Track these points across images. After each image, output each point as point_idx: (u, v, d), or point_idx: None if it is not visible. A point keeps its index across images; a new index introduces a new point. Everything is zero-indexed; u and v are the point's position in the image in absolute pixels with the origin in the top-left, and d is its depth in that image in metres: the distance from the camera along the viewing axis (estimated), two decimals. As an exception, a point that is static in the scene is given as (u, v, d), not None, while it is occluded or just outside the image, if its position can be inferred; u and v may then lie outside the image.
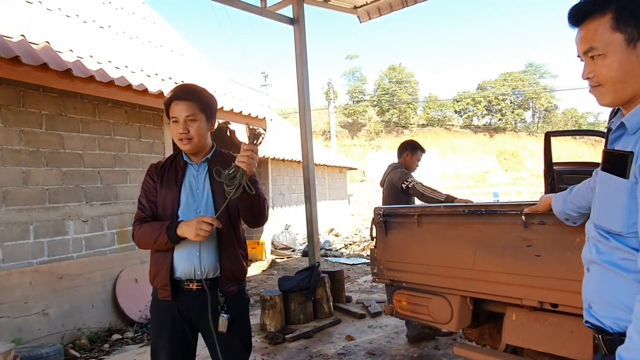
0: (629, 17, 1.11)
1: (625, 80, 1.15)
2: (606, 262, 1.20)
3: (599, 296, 1.23)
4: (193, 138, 1.98)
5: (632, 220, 1.12)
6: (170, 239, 1.90)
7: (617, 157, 1.16)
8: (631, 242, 1.13)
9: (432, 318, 2.46)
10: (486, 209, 2.21)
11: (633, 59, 1.13)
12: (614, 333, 1.18)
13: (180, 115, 1.95)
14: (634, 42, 1.12)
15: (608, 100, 1.21)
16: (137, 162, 5.49)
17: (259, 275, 8.13)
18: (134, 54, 5.92)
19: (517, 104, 52.74)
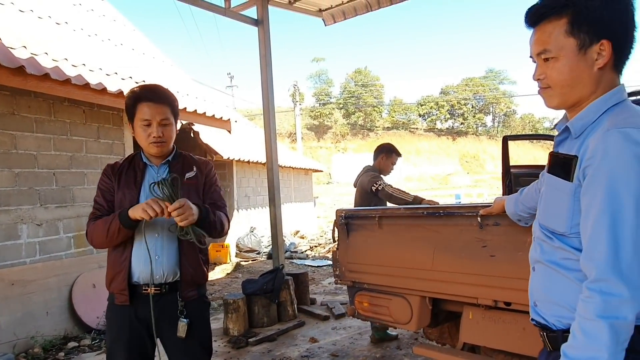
0: (582, 23, 1.14)
1: (573, 85, 1.18)
2: (549, 262, 1.24)
3: (543, 294, 1.28)
4: (166, 141, 1.97)
5: (575, 221, 1.16)
6: (122, 223, 1.84)
7: (563, 160, 1.20)
8: (573, 242, 1.18)
9: (393, 318, 2.50)
10: (444, 210, 2.27)
11: (582, 65, 1.16)
12: (558, 330, 1.22)
13: (153, 118, 1.92)
14: (584, 49, 1.15)
15: (555, 103, 1.24)
16: (96, 163, 5.31)
17: (223, 279, 8.03)
18: (93, 52, 5.74)
19: (478, 108, 54.32)
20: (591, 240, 1.08)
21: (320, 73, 55.43)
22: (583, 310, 1.06)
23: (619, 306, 1.01)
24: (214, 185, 2.12)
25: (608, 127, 1.09)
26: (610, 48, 1.14)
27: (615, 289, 1.02)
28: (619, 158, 1.04)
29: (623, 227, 1.03)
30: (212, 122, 6.71)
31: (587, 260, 1.08)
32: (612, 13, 1.13)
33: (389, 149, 4.39)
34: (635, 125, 1.07)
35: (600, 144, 1.08)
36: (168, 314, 1.93)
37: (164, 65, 7.86)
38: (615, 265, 1.02)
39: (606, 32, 1.14)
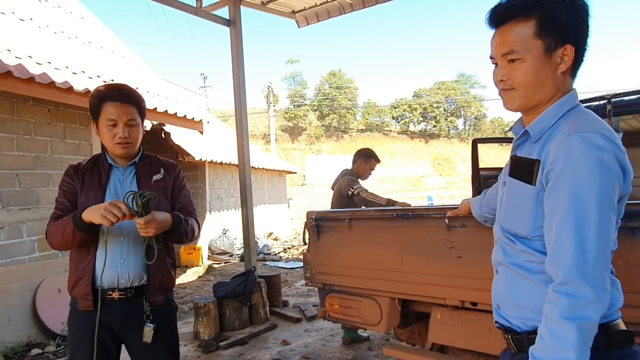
0: (550, 26, 1.14)
1: (536, 88, 1.19)
2: (513, 264, 1.25)
3: (506, 297, 1.28)
4: (132, 142, 1.92)
5: (538, 224, 1.18)
6: (75, 225, 1.77)
7: (525, 164, 1.21)
8: (536, 245, 1.19)
9: (363, 320, 2.52)
10: (412, 212, 2.30)
11: (547, 68, 1.17)
12: (523, 332, 1.23)
13: (119, 118, 1.87)
14: (550, 52, 1.16)
15: (516, 105, 1.24)
16: (61, 164, 5.15)
17: (194, 282, 7.91)
18: (59, 49, 5.57)
19: (450, 111, 55.31)
20: (557, 244, 1.09)
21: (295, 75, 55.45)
22: (550, 312, 1.08)
23: (585, 307, 1.03)
24: (183, 189, 2.09)
25: (569, 132, 1.11)
26: (573, 53, 1.17)
27: (581, 291, 1.04)
28: (581, 162, 1.07)
29: (587, 230, 1.05)
30: (184, 123, 6.61)
31: (554, 263, 1.10)
32: (575, 19, 1.16)
33: (368, 154, 4.41)
34: (595, 129, 1.10)
35: (562, 149, 1.10)
36: (134, 318, 1.89)
37: (133, 65, 7.70)
38: (580, 268, 1.04)
39: (570, 37, 1.16)
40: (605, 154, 1.07)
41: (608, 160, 1.07)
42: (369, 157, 4.37)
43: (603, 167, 1.06)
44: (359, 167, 4.35)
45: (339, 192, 4.17)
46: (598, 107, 4.11)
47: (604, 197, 1.06)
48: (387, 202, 3.79)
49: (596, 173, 1.06)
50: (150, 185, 1.97)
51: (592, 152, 1.06)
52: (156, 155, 2.13)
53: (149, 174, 2.00)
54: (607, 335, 1.12)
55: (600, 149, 1.07)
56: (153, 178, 1.99)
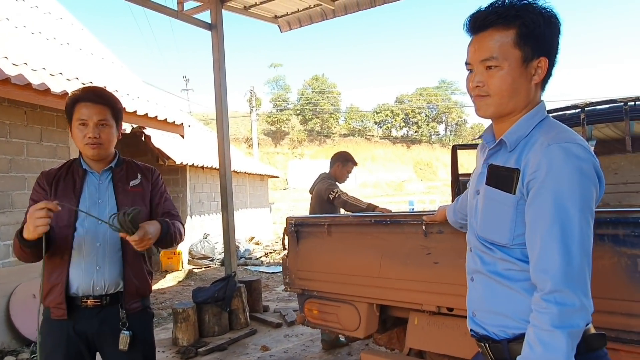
0: (529, 37, 1.16)
1: (511, 96, 1.20)
2: (492, 272, 1.25)
3: (484, 305, 1.29)
4: (103, 144, 1.88)
5: (517, 232, 1.19)
6: (20, 242, 1.70)
7: (504, 173, 1.22)
8: (515, 253, 1.20)
9: (341, 326, 2.52)
10: (391, 218, 2.32)
11: (522, 78, 1.19)
12: (502, 340, 1.23)
13: (90, 118, 1.84)
14: (527, 62, 1.18)
15: (490, 112, 1.25)
16: (38, 167, 5.05)
17: (174, 287, 7.82)
18: (36, 50, 5.47)
19: (432, 117, 55.93)
20: (543, 253, 1.11)
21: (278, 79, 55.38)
22: (539, 321, 1.09)
23: (573, 315, 1.06)
24: (164, 194, 2.06)
25: (548, 142, 1.14)
26: (547, 65, 1.20)
27: (569, 299, 1.06)
28: (563, 172, 1.09)
29: (572, 239, 1.08)
30: (164, 126, 6.54)
31: (541, 272, 1.11)
32: (550, 33, 1.20)
33: (345, 157, 4.43)
34: (573, 140, 1.13)
35: (543, 159, 1.12)
36: (109, 326, 1.86)
37: (113, 67, 7.60)
38: (568, 276, 1.07)
39: (545, 50, 1.19)
40: (585, 164, 1.11)
41: (587, 170, 1.11)
42: (346, 161, 4.39)
43: (583, 176, 1.10)
44: (336, 170, 4.37)
45: (318, 196, 4.17)
46: (572, 115, 4.22)
47: (585, 205, 1.10)
48: (367, 206, 3.81)
49: (577, 182, 1.09)
50: (128, 191, 1.94)
51: (573, 162, 1.10)
52: (133, 160, 2.10)
53: (126, 180, 1.97)
54: (584, 339, 1.14)
55: (580, 158, 1.11)
56: (130, 184, 1.97)
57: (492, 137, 1.34)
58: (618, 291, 1.70)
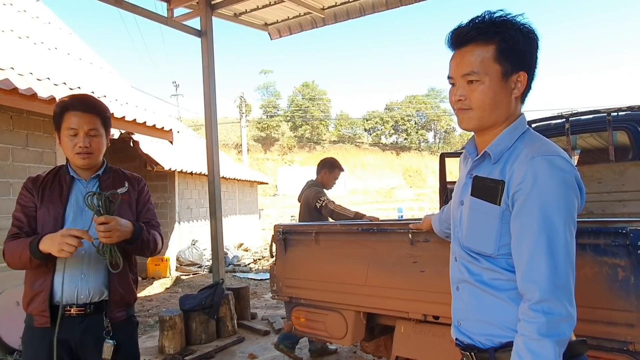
0: (509, 52, 1.20)
1: (492, 110, 1.24)
2: (479, 282, 1.27)
3: (470, 314, 1.30)
4: (93, 153, 1.88)
5: (503, 242, 1.21)
6: (32, 254, 1.73)
7: (489, 185, 1.25)
8: (501, 263, 1.22)
9: (328, 334, 2.53)
10: (378, 227, 2.33)
11: (503, 92, 1.22)
12: (488, 349, 1.25)
13: (81, 128, 1.83)
14: (507, 77, 1.22)
15: (472, 125, 1.28)
16: (23, 173, 4.99)
17: (161, 294, 7.74)
18: (23, 55, 5.43)
19: (421, 125, 56.36)
20: (530, 263, 1.13)
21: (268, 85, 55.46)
22: (528, 330, 1.11)
23: (560, 324, 1.09)
24: (147, 203, 2.06)
25: (532, 155, 1.17)
26: (526, 80, 1.24)
27: (556, 308, 1.09)
28: (549, 184, 1.12)
29: (558, 249, 1.11)
30: (153, 132, 6.51)
31: (529, 282, 1.13)
32: (529, 47, 1.23)
33: (331, 163, 4.44)
34: (556, 153, 1.17)
35: (529, 171, 1.15)
36: (93, 335, 1.84)
37: (102, 72, 7.57)
38: (555, 286, 1.09)
39: (524, 64, 1.23)
40: (568, 176, 1.15)
41: (570, 181, 1.15)
42: (332, 167, 4.39)
43: (567, 188, 1.14)
44: (323, 177, 4.37)
45: (306, 204, 4.17)
46: (557, 125, 4.29)
47: (569, 215, 1.13)
48: (355, 215, 3.82)
49: (562, 194, 1.12)
50: (114, 198, 1.93)
51: (558, 174, 1.13)
52: (120, 168, 2.09)
53: (113, 188, 1.96)
54: (568, 345, 1.16)
55: (564, 170, 1.14)
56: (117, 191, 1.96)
57: (475, 148, 1.36)
58: (599, 300, 1.73)
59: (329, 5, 5.68)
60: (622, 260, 1.70)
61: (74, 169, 1.94)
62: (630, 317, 1.66)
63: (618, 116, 4.20)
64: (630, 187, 3.98)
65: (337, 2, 5.63)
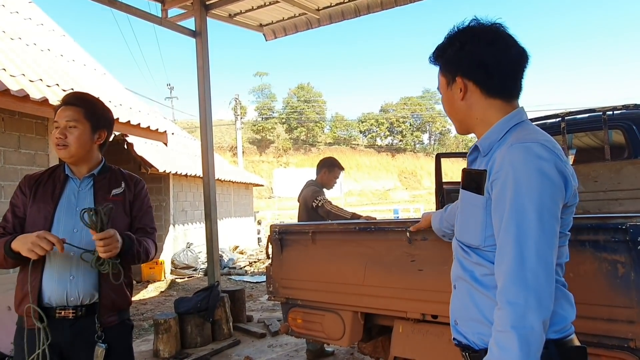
0: (445, 65, 1.35)
1: (452, 115, 1.37)
2: (471, 279, 1.26)
3: (463, 312, 1.28)
4: (69, 145, 1.83)
5: (488, 233, 1.20)
6: (6, 253, 1.70)
7: (474, 175, 1.27)
8: (488, 256, 1.21)
9: (326, 335, 2.50)
10: (375, 226, 2.31)
11: (451, 98, 1.34)
12: (480, 350, 1.21)
13: (60, 120, 1.83)
14: (450, 85, 1.34)
15: (457, 130, 1.42)
16: (15, 176, 4.93)
17: (156, 297, 7.68)
18: (16, 56, 5.37)
19: (416, 126, 56.45)
20: (499, 252, 1.13)
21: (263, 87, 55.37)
22: (496, 322, 1.09)
23: (525, 314, 1.04)
24: (144, 207, 2.00)
25: (512, 142, 1.17)
26: (463, 82, 1.29)
27: (520, 297, 1.05)
28: (522, 171, 1.11)
29: (526, 238, 1.08)
30: (147, 134, 6.47)
31: (497, 270, 1.13)
32: (465, 55, 1.28)
33: (331, 163, 4.39)
34: (536, 140, 1.14)
35: (506, 157, 1.15)
36: (84, 338, 1.80)
37: (95, 74, 7.51)
38: (519, 274, 1.06)
39: (459, 70, 1.30)
40: (546, 164, 1.11)
41: (548, 170, 1.11)
42: (332, 166, 4.36)
43: (543, 176, 1.10)
44: (323, 177, 4.33)
45: (304, 204, 4.14)
46: (553, 124, 4.29)
47: (543, 205, 1.09)
48: (351, 216, 3.79)
49: (536, 182, 1.09)
50: (108, 199, 1.89)
51: (533, 161, 1.11)
52: (120, 168, 2.05)
53: (108, 188, 1.92)
54: (561, 351, 1.13)
55: (541, 158, 1.11)
56: (112, 192, 1.92)
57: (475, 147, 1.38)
58: (599, 297, 1.71)
59: (324, 6, 5.67)
60: (622, 257, 1.68)
61: (70, 168, 1.91)
62: (630, 314, 1.65)
63: (613, 115, 4.21)
64: (626, 186, 3.99)
65: (332, 2, 5.62)
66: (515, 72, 1.28)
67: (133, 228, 1.95)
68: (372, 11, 5.64)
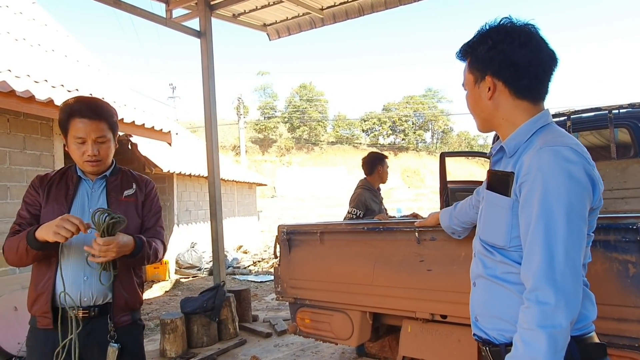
0: (474, 62, 1.33)
1: (477, 113, 1.37)
2: (492, 276, 1.29)
3: (485, 309, 1.31)
4: (103, 160, 1.85)
5: (514, 234, 1.23)
6: (29, 242, 1.69)
7: (500, 177, 1.28)
8: (513, 256, 1.23)
9: (334, 334, 2.50)
10: (383, 226, 2.31)
11: (478, 96, 1.34)
12: (500, 344, 1.26)
13: (88, 136, 1.79)
14: (478, 83, 1.33)
15: (479, 128, 1.42)
16: (21, 176, 4.95)
17: (161, 297, 7.70)
18: (20, 57, 5.39)
19: (418, 125, 56.32)
20: (528, 252, 1.14)
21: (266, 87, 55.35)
22: (523, 320, 1.11)
23: (554, 314, 1.06)
24: (154, 208, 2.01)
25: (540, 146, 1.17)
26: (492, 81, 1.28)
27: (549, 297, 1.07)
28: (551, 174, 1.12)
29: (556, 238, 1.10)
30: (152, 134, 6.48)
31: (525, 270, 1.15)
32: (498, 54, 1.27)
33: (381, 157, 4.23)
34: (564, 143, 1.16)
35: (534, 161, 1.16)
36: (97, 338, 1.81)
37: (99, 74, 7.53)
38: (549, 275, 1.08)
39: (490, 69, 1.29)
40: (574, 167, 1.13)
41: (576, 173, 1.12)
42: (383, 160, 4.21)
43: (571, 179, 1.12)
44: (380, 173, 4.18)
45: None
46: (558, 123, 4.29)
47: (571, 207, 1.11)
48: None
49: (564, 184, 1.11)
50: (121, 200, 1.91)
51: (561, 164, 1.12)
52: (130, 169, 2.06)
53: (120, 189, 1.93)
54: (581, 347, 1.15)
55: (569, 161, 1.12)
56: (124, 193, 1.93)
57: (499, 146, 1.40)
58: (610, 296, 1.71)
59: (328, 6, 5.67)
60: (632, 256, 1.68)
61: (82, 170, 1.91)
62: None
63: (619, 113, 4.20)
64: (632, 185, 3.98)
65: (336, 2, 5.62)
66: (544, 75, 1.28)
67: (143, 228, 1.96)
68: (375, 10, 5.63)
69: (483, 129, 1.41)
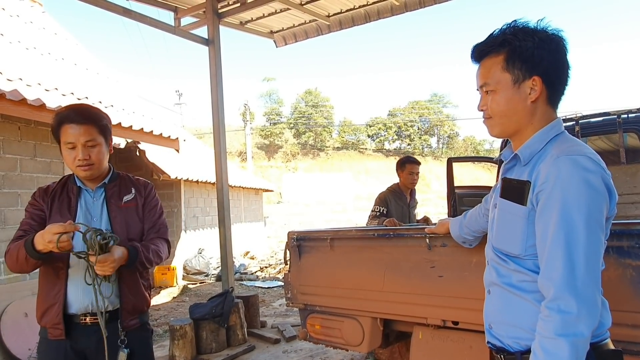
0: (516, 60, 1.24)
1: (509, 116, 1.28)
2: (506, 284, 1.28)
3: (499, 317, 1.31)
4: (94, 164, 1.85)
5: (529, 243, 1.22)
6: (27, 252, 1.69)
7: (516, 186, 1.27)
8: (528, 264, 1.23)
9: (345, 341, 2.50)
10: (394, 232, 2.31)
11: (517, 98, 1.26)
12: (516, 352, 1.25)
13: (77, 140, 1.80)
14: (518, 83, 1.25)
15: (496, 132, 1.34)
16: (31, 183, 5.00)
17: (169, 303, 7.71)
18: (31, 66, 5.46)
19: (424, 130, 56.24)
20: (548, 261, 1.14)
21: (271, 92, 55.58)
22: (543, 329, 1.11)
23: (576, 323, 1.07)
24: (154, 209, 2.03)
25: (557, 155, 1.17)
26: (541, 84, 1.24)
27: (572, 306, 1.07)
28: (570, 183, 1.12)
29: (576, 247, 1.10)
30: (160, 141, 6.53)
31: (545, 280, 1.14)
32: (543, 53, 1.24)
33: (401, 161, 4.38)
34: (581, 152, 1.16)
35: (552, 170, 1.15)
36: (108, 343, 1.82)
37: (108, 82, 7.60)
38: (570, 283, 1.08)
39: (537, 70, 1.24)
40: (592, 176, 1.13)
41: (595, 182, 1.13)
42: (402, 164, 4.33)
43: (590, 188, 1.12)
44: (400, 178, 4.36)
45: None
46: (567, 128, 4.26)
47: (591, 216, 1.11)
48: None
49: (584, 193, 1.11)
50: (121, 207, 1.92)
51: (580, 173, 1.12)
52: (128, 174, 2.08)
53: (119, 195, 1.95)
54: (597, 354, 1.15)
55: (588, 170, 1.13)
56: (123, 199, 1.95)
57: (511, 153, 1.38)
58: (624, 303, 1.70)
59: (334, 12, 5.71)
60: (646, 263, 1.67)
61: (81, 179, 1.93)
62: (656, 320, 1.64)
63: (628, 118, 4.18)
64: (642, 189, 3.95)
65: (342, 9, 5.66)
66: (568, 82, 1.29)
67: (145, 230, 1.98)
68: (382, 17, 5.66)
69: (502, 133, 1.34)
